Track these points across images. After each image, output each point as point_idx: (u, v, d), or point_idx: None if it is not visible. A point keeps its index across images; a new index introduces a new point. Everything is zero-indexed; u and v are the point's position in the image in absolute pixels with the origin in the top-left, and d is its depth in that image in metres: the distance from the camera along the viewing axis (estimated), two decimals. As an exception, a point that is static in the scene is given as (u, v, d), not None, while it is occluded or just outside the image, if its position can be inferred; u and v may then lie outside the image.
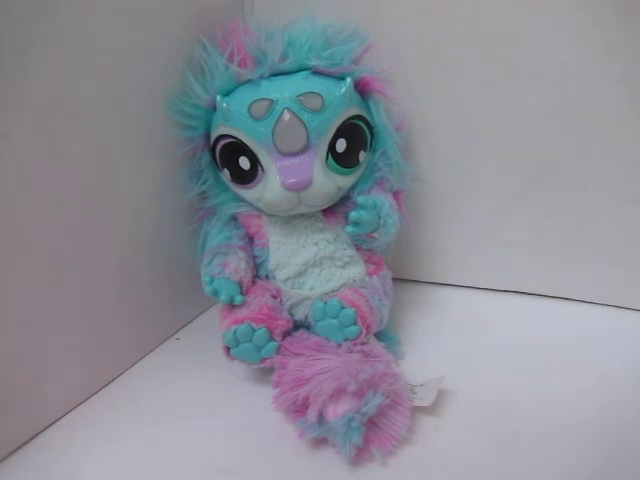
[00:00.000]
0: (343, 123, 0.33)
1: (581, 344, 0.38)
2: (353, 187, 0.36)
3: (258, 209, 0.36)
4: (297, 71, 0.33)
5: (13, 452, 0.31)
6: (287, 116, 0.32)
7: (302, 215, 0.35)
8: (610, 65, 0.36)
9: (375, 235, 0.35)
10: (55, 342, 0.32)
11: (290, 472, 0.29)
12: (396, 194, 0.38)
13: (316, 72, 0.33)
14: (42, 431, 0.32)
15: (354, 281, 0.36)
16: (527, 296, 0.45)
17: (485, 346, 0.39)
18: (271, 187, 0.33)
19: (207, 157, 0.37)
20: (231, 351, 0.34)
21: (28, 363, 0.31)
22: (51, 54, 0.29)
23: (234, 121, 0.33)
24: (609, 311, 0.42)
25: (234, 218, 0.38)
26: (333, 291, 0.35)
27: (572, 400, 0.33)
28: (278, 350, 0.34)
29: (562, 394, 0.33)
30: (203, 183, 0.38)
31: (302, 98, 0.32)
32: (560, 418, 0.31)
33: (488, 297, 0.45)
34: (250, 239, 0.38)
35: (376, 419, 0.30)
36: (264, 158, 0.33)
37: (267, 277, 0.37)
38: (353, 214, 0.33)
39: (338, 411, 0.29)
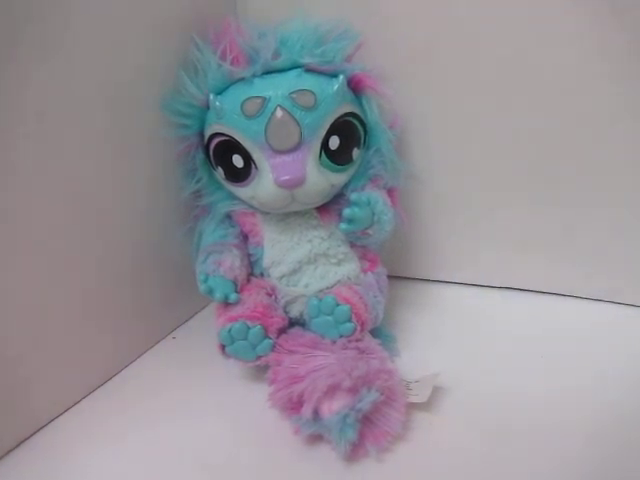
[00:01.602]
0: (336, 120, 0.33)
1: (578, 341, 0.38)
2: (347, 184, 0.36)
3: (252, 207, 0.36)
4: (290, 69, 0.33)
5: (10, 451, 0.31)
6: (280, 114, 0.32)
7: (296, 213, 0.35)
8: (606, 63, 0.35)
9: (369, 232, 0.35)
10: (52, 341, 0.32)
11: (286, 469, 0.29)
12: (390, 191, 0.38)
13: (309, 70, 0.33)
14: (38, 430, 0.32)
15: (349, 278, 0.36)
16: (523, 292, 0.45)
17: (481, 343, 0.39)
18: (264, 185, 0.33)
19: (201, 155, 0.37)
20: (226, 349, 0.34)
21: (25, 362, 0.31)
22: (47, 54, 0.29)
23: (227, 119, 0.33)
24: (608, 307, 0.42)
25: (228, 216, 0.38)
26: (328, 288, 0.35)
27: (569, 397, 0.33)
28: (273, 347, 0.34)
29: (559, 391, 0.33)
30: (197, 181, 0.38)
31: (295, 96, 0.32)
32: (557, 415, 0.31)
33: (483, 294, 0.45)
34: (244, 237, 0.38)
35: (371, 415, 0.30)
36: (257, 156, 0.33)
37: (262, 275, 0.37)
38: (347, 211, 0.33)
39: (333, 408, 0.29)
